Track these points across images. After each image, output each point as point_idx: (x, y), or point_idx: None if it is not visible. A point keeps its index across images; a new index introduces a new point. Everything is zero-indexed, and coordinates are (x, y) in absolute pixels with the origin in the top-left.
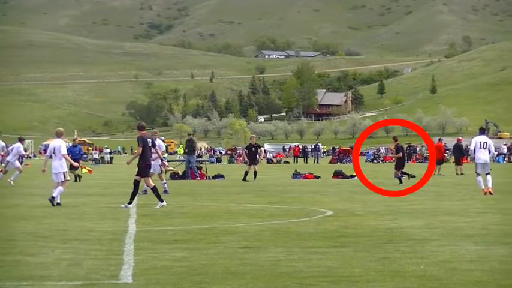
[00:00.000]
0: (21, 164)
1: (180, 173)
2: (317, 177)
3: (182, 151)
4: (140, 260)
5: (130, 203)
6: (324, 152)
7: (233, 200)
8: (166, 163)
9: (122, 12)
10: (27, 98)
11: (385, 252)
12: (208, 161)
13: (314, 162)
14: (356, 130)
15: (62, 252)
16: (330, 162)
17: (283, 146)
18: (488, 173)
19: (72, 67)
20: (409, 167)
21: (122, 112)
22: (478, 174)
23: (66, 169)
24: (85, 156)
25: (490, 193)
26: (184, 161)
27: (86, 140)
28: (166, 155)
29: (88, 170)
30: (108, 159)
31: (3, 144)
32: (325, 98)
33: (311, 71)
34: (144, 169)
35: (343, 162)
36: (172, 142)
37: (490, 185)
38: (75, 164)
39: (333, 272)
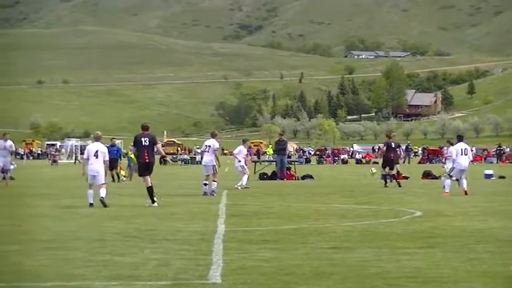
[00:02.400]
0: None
1: (269, 173)
2: (406, 177)
3: (271, 151)
4: (229, 260)
5: (153, 202)
6: (415, 152)
7: (322, 201)
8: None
9: (211, 13)
10: (117, 98)
11: (474, 253)
12: (297, 161)
13: (404, 162)
14: (446, 130)
15: (151, 252)
16: (419, 163)
17: (373, 147)
18: (465, 177)
19: (162, 68)
20: (499, 168)
21: (211, 113)
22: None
23: (103, 172)
24: (174, 156)
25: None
26: (273, 161)
27: (175, 140)
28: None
29: (124, 175)
30: (199, 159)
31: (11, 143)
32: (414, 98)
33: (400, 71)
34: (139, 168)
35: (433, 163)
36: (262, 142)
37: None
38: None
39: (421, 273)
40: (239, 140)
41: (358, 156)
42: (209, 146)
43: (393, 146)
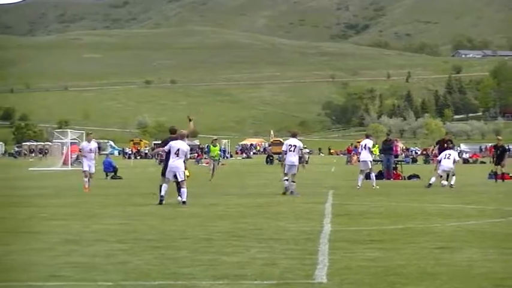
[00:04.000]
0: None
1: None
2: None
3: (377, 151)
4: (335, 259)
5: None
6: None
7: (428, 200)
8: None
9: (318, 13)
10: (224, 98)
11: None
12: (403, 161)
13: None
14: None
15: (257, 251)
16: None
17: (480, 146)
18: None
19: (268, 67)
20: None
21: (318, 112)
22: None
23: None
24: (280, 156)
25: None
26: (380, 160)
27: (281, 140)
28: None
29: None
30: (307, 159)
31: (96, 145)
32: None
33: (508, 70)
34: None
35: None
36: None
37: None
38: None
39: None
40: (346, 139)
41: (465, 155)
42: (294, 146)
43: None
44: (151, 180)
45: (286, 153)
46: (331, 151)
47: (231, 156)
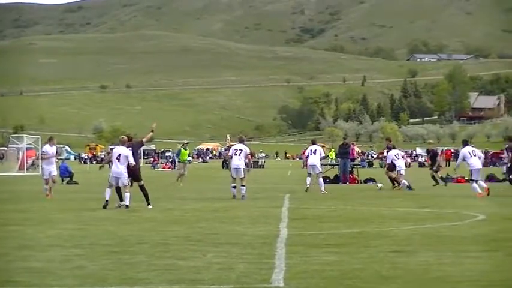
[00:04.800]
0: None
1: (331, 177)
2: (469, 180)
3: (334, 155)
4: (291, 263)
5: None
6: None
7: (384, 204)
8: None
9: (274, 17)
10: (180, 102)
11: None
12: (359, 164)
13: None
14: (509, 133)
15: (214, 256)
16: (482, 166)
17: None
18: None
19: (225, 72)
20: None
21: (274, 116)
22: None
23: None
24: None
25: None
26: (336, 165)
27: None
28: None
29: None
30: (262, 163)
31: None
32: (477, 101)
33: (463, 74)
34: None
35: (496, 166)
36: (324, 146)
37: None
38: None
39: (486, 277)
40: (302, 143)
41: (421, 159)
42: (241, 150)
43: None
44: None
45: (232, 158)
46: (288, 155)
47: (192, 158)
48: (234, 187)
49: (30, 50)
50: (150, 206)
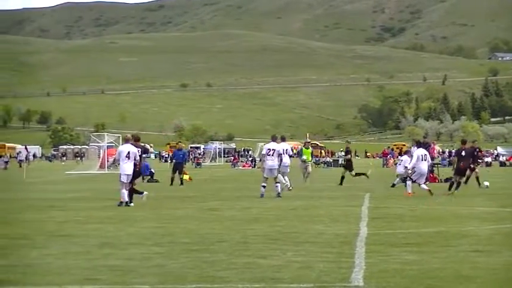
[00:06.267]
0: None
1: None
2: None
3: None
4: (371, 262)
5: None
6: None
7: (464, 203)
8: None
9: (354, 16)
10: (260, 101)
11: None
12: (440, 164)
13: None
14: None
15: (294, 254)
16: None
17: None
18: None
19: (305, 71)
20: None
21: (354, 115)
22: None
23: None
24: (317, 159)
25: None
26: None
27: (318, 143)
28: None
29: (189, 178)
30: (343, 162)
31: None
32: None
33: None
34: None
35: None
36: (404, 145)
37: None
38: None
39: None
40: (382, 142)
41: (502, 158)
42: (273, 150)
43: (463, 154)
44: (187, 183)
45: (265, 157)
46: (368, 154)
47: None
48: (264, 187)
49: (111, 49)
50: (131, 204)
